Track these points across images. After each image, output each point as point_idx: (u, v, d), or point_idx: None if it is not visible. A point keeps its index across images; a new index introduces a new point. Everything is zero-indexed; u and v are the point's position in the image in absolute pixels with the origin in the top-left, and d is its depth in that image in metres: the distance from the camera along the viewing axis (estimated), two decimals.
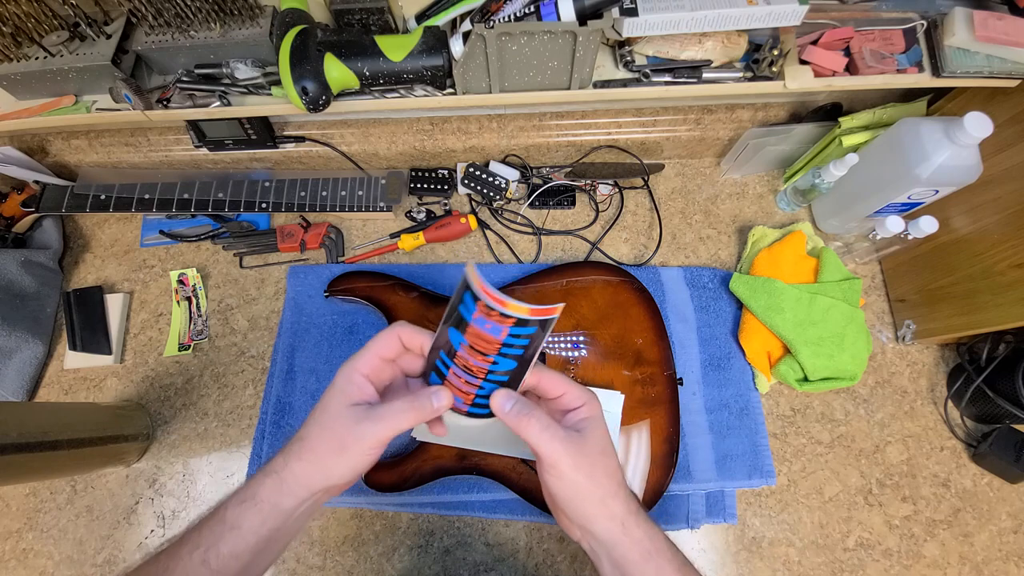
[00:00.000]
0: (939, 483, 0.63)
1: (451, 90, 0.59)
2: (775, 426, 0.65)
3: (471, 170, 0.74)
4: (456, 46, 0.54)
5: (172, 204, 0.71)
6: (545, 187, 0.74)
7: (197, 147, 0.71)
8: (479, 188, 0.74)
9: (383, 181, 0.74)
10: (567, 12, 0.51)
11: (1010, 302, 0.55)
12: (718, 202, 0.76)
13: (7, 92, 0.61)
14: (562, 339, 0.63)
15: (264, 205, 0.72)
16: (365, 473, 0.58)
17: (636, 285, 0.65)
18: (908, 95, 0.67)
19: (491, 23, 0.51)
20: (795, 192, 0.71)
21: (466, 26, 0.54)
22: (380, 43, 0.54)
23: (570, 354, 0.62)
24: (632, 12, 0.51)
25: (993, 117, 0.52)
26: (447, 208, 0.76)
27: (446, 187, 0.76)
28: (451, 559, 0.60)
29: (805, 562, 0.60)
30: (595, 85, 0.59)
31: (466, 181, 0.74)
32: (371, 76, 0.55)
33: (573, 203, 0.76)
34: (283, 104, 0.60)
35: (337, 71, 0.54)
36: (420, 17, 0.55)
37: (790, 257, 0.68)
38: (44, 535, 0.62)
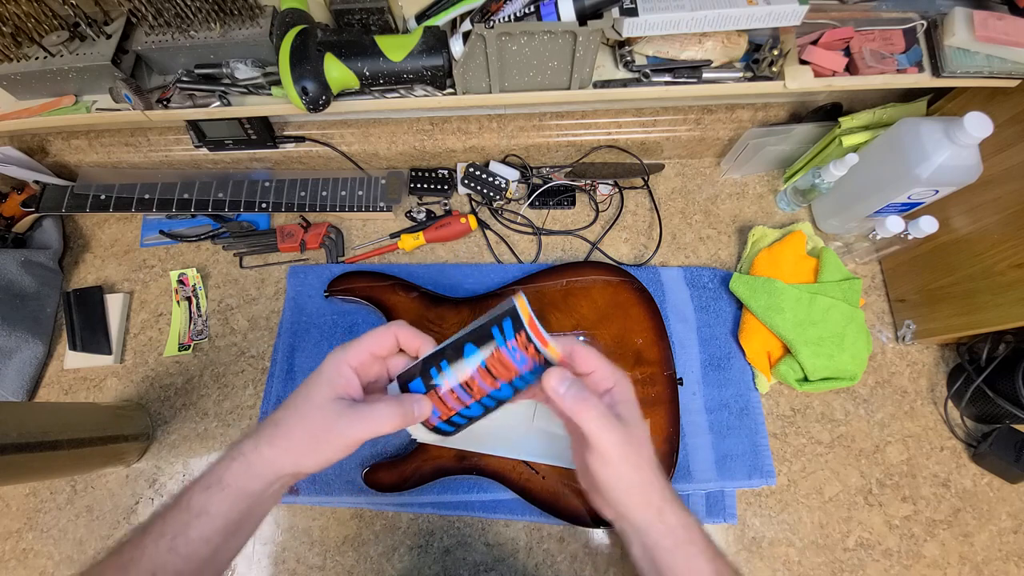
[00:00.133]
0: (939, 483, 0.63)
1: (451, 90, 0.59)
2: (775, 426, 0.65)
3: (471, 170, 0.74)
4: (456, 46, 0.54)
5: (172, 204, 0.71)
6: (545, 187, 0.74)
7: (197, 147, 0.71)
8: (479, 188, 0.74)
9: (383, 181, 0.74)
10: (567, 12, 0.51)
11: (1010, 302, 0.55)
12: (718, 202, 0.76)
13: (7, 92, 0.61)
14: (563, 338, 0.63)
15: (264, 205, 0.72)
16: (365, 474, 0.58)
17: (636, 285, 0.65)
18: (908, 95, 0.67)
19: (491, 23, 0.51)
20: (795, 192, 0.71)
21: (466, 26, 0.54)
22: (380, 43, 0.54)
23: None
24: (632, 12, 0.51)
25: (993, 117, 0.52)
26: (447, 208, 0.76)
27: (446, 187, 0.76)
28: (451, 559, 0.60)
29: (805, 562, 0.60)
30: (595, 85, 0.59)
31: (466, 181, 0.74)
32: (371, 76, 0.55)
33: (573, 203, 0.76)
34: (283, 104, 0.60)
35: (337, 71, 0.54)
36: (420, 17, 0.55)
37: (790, 257, 0.68)
38: (44, 535, 0.62)
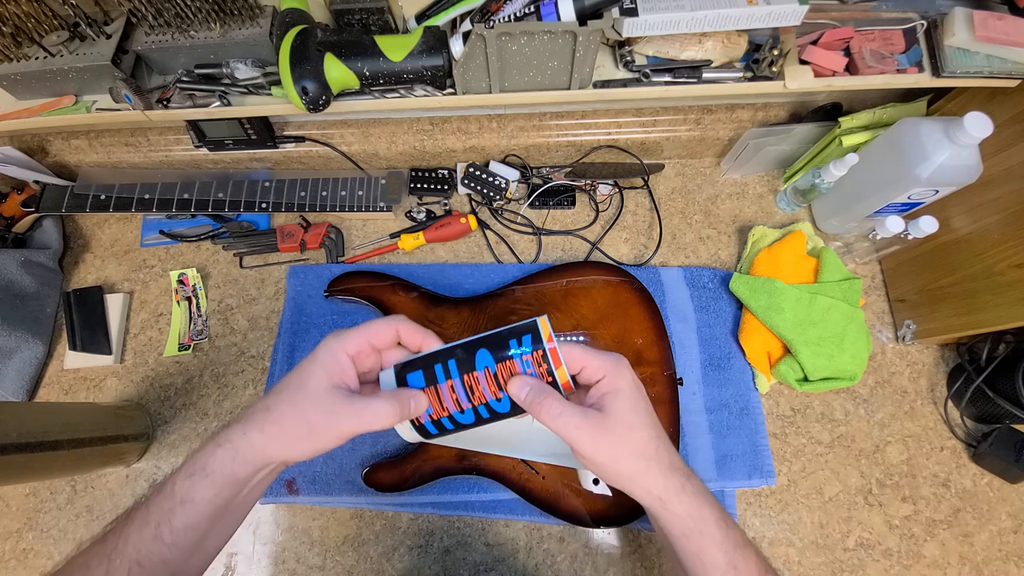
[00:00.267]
0: (939, 483, 0.63)
1: (451, 90, 0.59)
2: (775, 426, 0.65)
3: (471, 170, 0.74)
4: (456, 46, 0.54)
5: (172, 204, 0.71)
6: (545, 187, 0.74)
7: (197, 147, 0.71)
8: (479, 188, 0.74)
9: (383, 181, 0.74)
10: (567, 12, 0.51)
11: (1010, 302, 0.55)
12: (718, 202, 0.76)
13: (7, 92, 0.61)
14: (562, 339, 0.62)
15: (264, 205, 0.72)
16: (365, 474, 0.58)
17: (636, 285, 0.65)
18: (908, 95, 0.67)
19: (491, 23, 0.51)
20: (795, 192, 0.71)
21: (466, 26, 0.54)
22: (380, 43, 0.54)
23: None
24: (632, 12, 0.51)
25: (993, 117, 0.52)
26: (447, 208, 0.76)
27: (446, 187, 0.76)
28: (451, 559, 0.60)
29: (805, 562, 0.60)
30: (595, 85, 0.59)
31: (466, 181, 0.74)
32: (371, 76, 0.55)
33: (573, 203, 0.76)
34: (283, 104, 0.60)
35: (337, 71, 0.54)
36: (420, 17, 0.55)
37: (790, 257, 0.68)
38: (44, 535, 0.62)
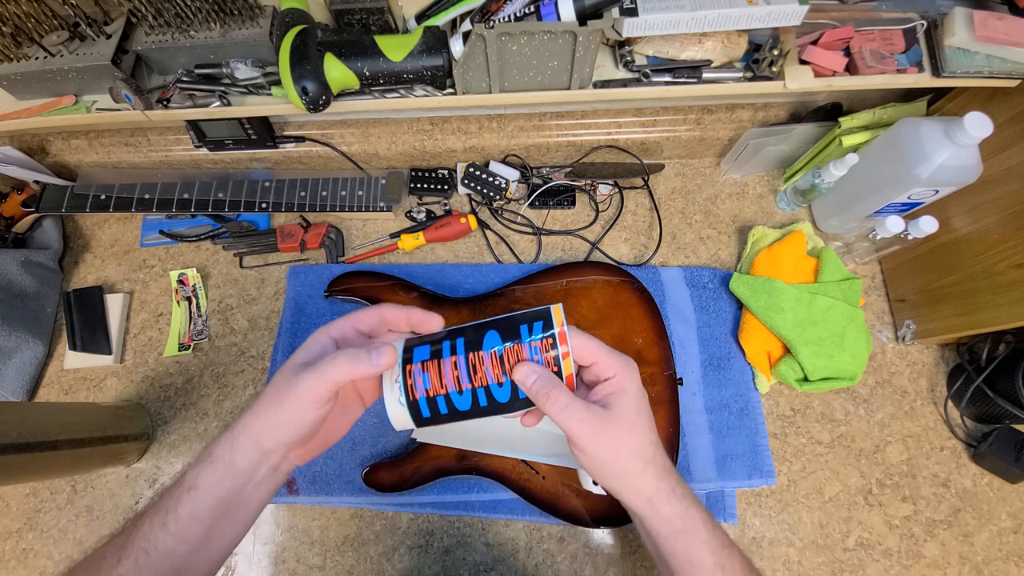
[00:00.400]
0: (939, 483, 0.63)
1: (451, 90, 0.59)
2: (775, 426, 0.65)
3: (471, 170, 0.74)
4: (456, 46, 0.54)
5: (172, 204, 0.71)
6: (545, 187, 0.74)
7: (197, 147, 0.71)
8: (479, 188, 0.74)
9: (383, 181, 0.74)
10: (567, 12, 0.51)
11: (1010, 302, 0.55)
12: (718, 202, 0.76)
13: (7, 92, 0.61)
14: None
15: (264, 205, 0.72)
16: (365, 474, 0.58)
17: (636, 285, 0.65)
18: (908, 95, 0.67)
19: (491, 23, 0.51)
20: (795, 192, 0.71)
21: (466, 26, 0.54)
22: (380, 43, 0.54)
23: None
24: (632, 12, 0.51)
25: (993, 117, 0.52)
26: (447, 208, 0.76)
27: (446, 187, 0.75)
28: (451, 559, 0.60)
29: (805, 562, 0.60)
30: (595, 85, 0.59)
31: (466, 181, 0.74)
32: (371, 76, 0.55)
33: (573, 203, 0.76)
34: (283, 104, 0.60)
35: (337, 71, 0.54)
36: (420, 17, 0.55)
37: (790, 257, 0.68)
38: (44, 535, 0.62)
